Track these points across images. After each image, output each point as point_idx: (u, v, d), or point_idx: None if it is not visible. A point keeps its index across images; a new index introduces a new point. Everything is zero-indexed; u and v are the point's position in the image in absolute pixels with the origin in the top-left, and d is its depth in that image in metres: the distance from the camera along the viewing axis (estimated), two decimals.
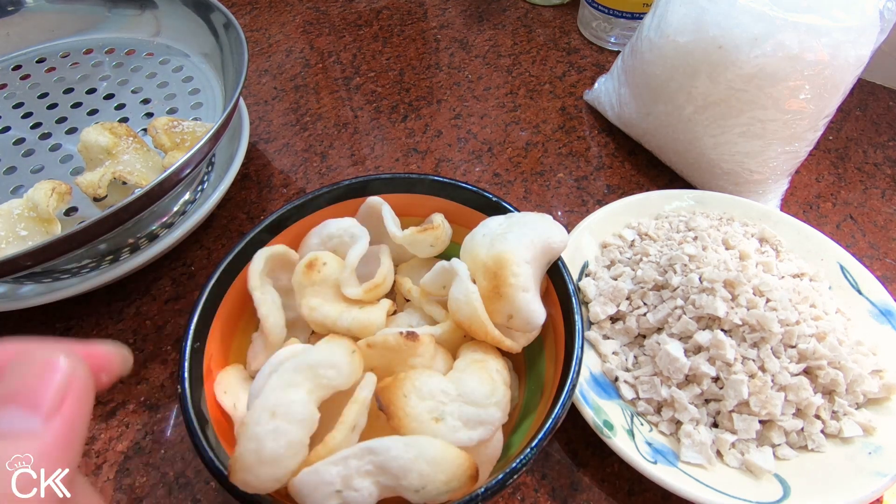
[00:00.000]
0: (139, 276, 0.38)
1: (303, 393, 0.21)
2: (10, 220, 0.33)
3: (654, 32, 0.39)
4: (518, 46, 0.57)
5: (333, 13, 0.62)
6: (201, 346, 0.26)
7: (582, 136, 0.48)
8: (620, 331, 0.33)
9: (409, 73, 0.55)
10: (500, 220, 0.28)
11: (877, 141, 0.48)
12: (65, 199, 0.34)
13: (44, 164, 0.40)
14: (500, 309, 0.25)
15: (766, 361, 0.29)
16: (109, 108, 0.44)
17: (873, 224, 0.42)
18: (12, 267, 0.29)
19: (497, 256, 0.25)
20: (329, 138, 0.49)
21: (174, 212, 0.39)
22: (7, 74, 0.47)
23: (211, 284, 0.27)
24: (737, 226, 0.37)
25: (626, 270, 0.34)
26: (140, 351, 0.35)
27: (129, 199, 0.30)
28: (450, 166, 0.46)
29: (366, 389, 0.22)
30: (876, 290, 0.34)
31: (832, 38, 0.33)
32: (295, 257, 0.29)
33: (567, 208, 0.43)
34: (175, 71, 0.47)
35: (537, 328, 0.27)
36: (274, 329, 0.26)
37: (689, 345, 0.30)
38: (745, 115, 0.37)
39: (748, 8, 0.34)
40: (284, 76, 0.55)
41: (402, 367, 0.25)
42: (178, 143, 0.38)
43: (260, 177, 0.46)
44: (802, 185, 0.44)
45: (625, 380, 0.31)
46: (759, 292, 0.30)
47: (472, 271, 0.26)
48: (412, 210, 0.32)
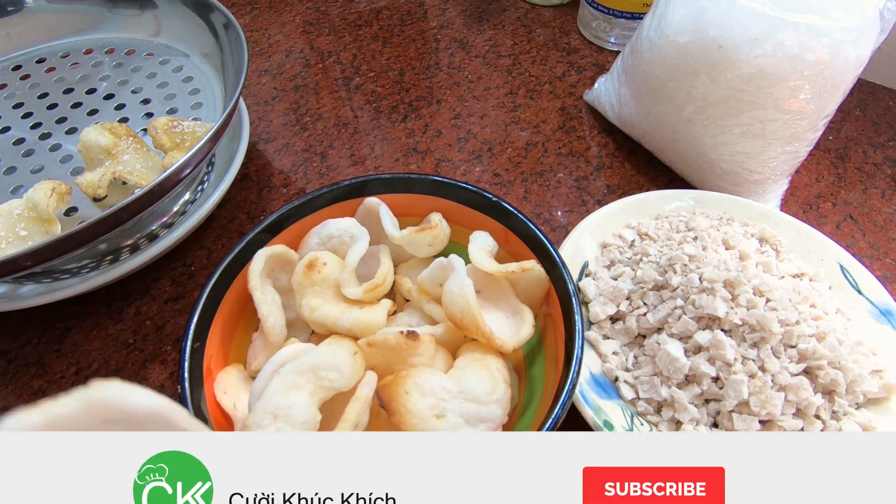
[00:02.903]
0: (139, 276, 0.38)
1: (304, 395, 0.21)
2: (10, 220, 0.33)
3: (654, 32, 0.39)
4: (518, 46, 0.57)
5: (333, 13, 0.62)
6: (201, 346, 0.26)
7: (582, 136, 0.48)
8: (620, 331, 0.33)
9: (409, 73, 0.55)
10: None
11: (877, 141, 0.48)
12: (65, 199, 0.34)
13: (44, 164, 0.40)
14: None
15: (766, 361, 0.29)
16: (109, 108, 0.44)
17: (873, 224, 0.42)
18: (12, 267, 0.29)
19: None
20: (329, 138, 0.49)
21: (174, 212, 0.39)
22: (7, 74, 0.47)
23: (211, 284, 0.27)
24: (737, 226, 0.37)
25: (626, 270, 0.34)
26: (140, 351, 0.35)
27: (129, 199, 0.30)
28: (450, 166, 0.46)
29: (367, 388, 0.22)
30: (876, 290, 0.34)
31: (832, 38, 0.33)
32: (295, 257, 0.30)
33: (567, 208, 0.43)
34: (175, 71, 0.47)
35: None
36: (274, 329, 0.27)
37: (689, 345, 0.30)
38: (745, 115, 0.37)
39: (748, 8, 0.34)
40: (284, 76, 0.55)
41: (402, 367, 0.25)
42: (178, 143, 0.38)
43: (260, 177, 0.46)
44: (802, 185, 0.44)
45: (625, 380, 0.31)
46: (759, 292, 0.30)
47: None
48: (412, 210, 0.32)
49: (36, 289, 0.35)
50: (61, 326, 0.37)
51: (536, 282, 0.28)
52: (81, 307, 0.37)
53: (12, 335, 0.36)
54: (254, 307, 0.27)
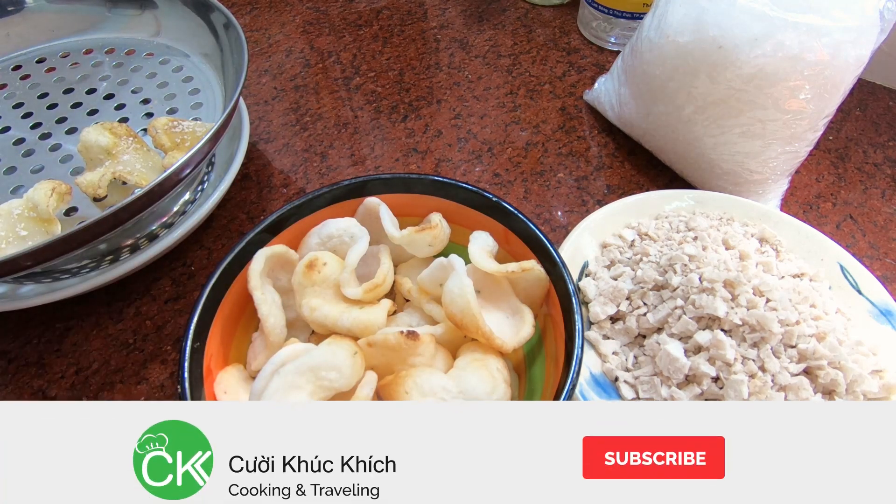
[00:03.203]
0: (139, 276, 0.38)
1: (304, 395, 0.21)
2: (10, 220, 0.33)
3: (654, 32, 0.39)
4: (518, 46, 0.57)
5: (333, 13, 0.62)
6: (201, 346, 0.26)
7: (582, 136, 0.48)
8: (620, 331, 0.33)
9: (409, 73, 0.55)
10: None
11: (877, 141, 0.48)
12: (65, 199, 0.34)
13: (44, 164, 0.40)
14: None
15: (766, 361, 0.29)
16: (109, 108, 0.44)
17: (873, 224, 0.42)
18: (12, 267, 0.29)
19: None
20: (329, 138, 0.49)
21: (174, 212, 0.39)
22: (7, 74, 0.47)
23: (211, 284, 0.27)
24: (737, 226, 0.37)
25: (626, 270, 0.34)
26: (140, 351, 0.35)
27: (129, 199, 0.30)
28: (450, 166, 0.46)
29: (367, 387, 0.23)
30: (876, 290, 0.34)
31: (832, 38, 0.33)
32: (295, 257, 0.30)
33: (567, 208, 0.43)
34: (175, 71, 0.47)
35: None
36: (274, 329, 0.27)
37: (689, 345, 0.30)
38: (745, 115, 0.37)
39: (748, 8, 0.34)
40: (284, 76, 0.55)
41: (402, 367, 0.25)
42: (178, 143, 0.38)
43: (260, 177, 0.46)
44: (802, 185, 0.44)
45: (625, 380, 0.31)
46: (759, 292, 0.30)
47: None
48: (412, 210, 0.32)
49: (36, 289, 0.35)
50: (61, 326, 0.37)
51: (536, 282, 0.28)
52: (81, 307, 0.37)
53: (12, 335, 0.36)
54: (254, 307, 0.27)
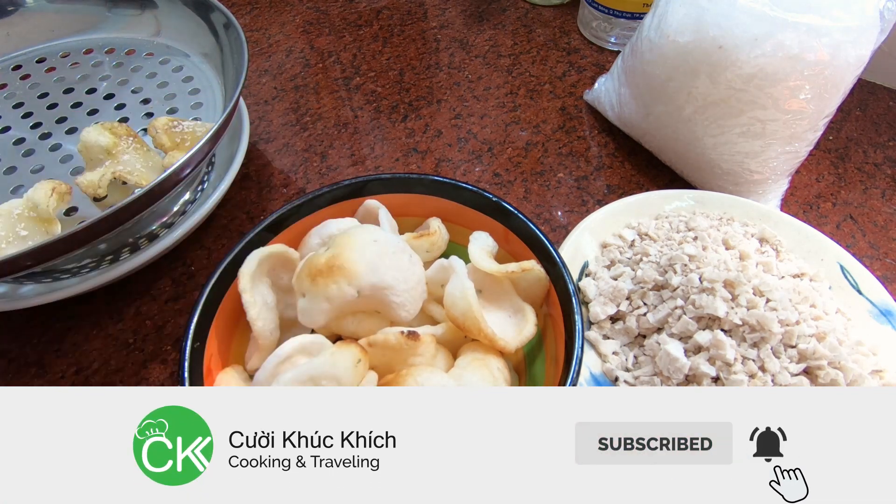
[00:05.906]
0: (139, 276, 0.38)
1: None
2: (10, 220, 0.33)
3: (654, 32, 0.39)
4: (518, 46, 0.57)
5: (333, 13, 0.62)
6: (201, 346, 0.26)
7: (582, 136, 0.48)
8: (620, 331, 0.33)
9: (409, 73, 0.55)
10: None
11: (877, 141, 0.48)
12: (65, 199, 0.34)
13: (44, 164, 0.40)
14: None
15: (766, 361, 0.29)
16: (109, 108, 0.44)
17: (873, 224, 0.42)
18: (12, 267, 0.29)
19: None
20: (329, 138, 0.49)
21: (174, 212, 0.39)
22: (7, 74, 0.47)
23: (211, 284, 0.27)
24: (737, 226, 0.37)
25: (626, 270, 0.34)
26: (140, 351, 0.35)
27: (129, 199, 0.30)
28: (450, 166, 0.46)
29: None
30: (876, 290, 0.34)
31: (832, 38, 0.33)
32: (295, 256, 0.29)
33: (567, 208, 0.43)
34: (175, 71, 0.47)
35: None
36: (263, 332, 0.26)
37: (689, 345, 0.30)
38: (745, 115, 0.37)
39: (748, 8, 0.34)
40: (284, 76, 0.55)
41: (402, 367, 0.25)
42: (178, 143, 0.38)
43: (260, 177, 0.46)
44: (802, 185, 0.44)
45: (625, 380, 0.31)
46: (759, 292, 0.30)
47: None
48: (412, 210, 0.32)
49: (36, 289, 0.35)
50: (61, 326, 0.37)
51: (536, 282, 0.28)
52: (81, 307, 0.37)
53: (12, 335, 0.36)
54: None
